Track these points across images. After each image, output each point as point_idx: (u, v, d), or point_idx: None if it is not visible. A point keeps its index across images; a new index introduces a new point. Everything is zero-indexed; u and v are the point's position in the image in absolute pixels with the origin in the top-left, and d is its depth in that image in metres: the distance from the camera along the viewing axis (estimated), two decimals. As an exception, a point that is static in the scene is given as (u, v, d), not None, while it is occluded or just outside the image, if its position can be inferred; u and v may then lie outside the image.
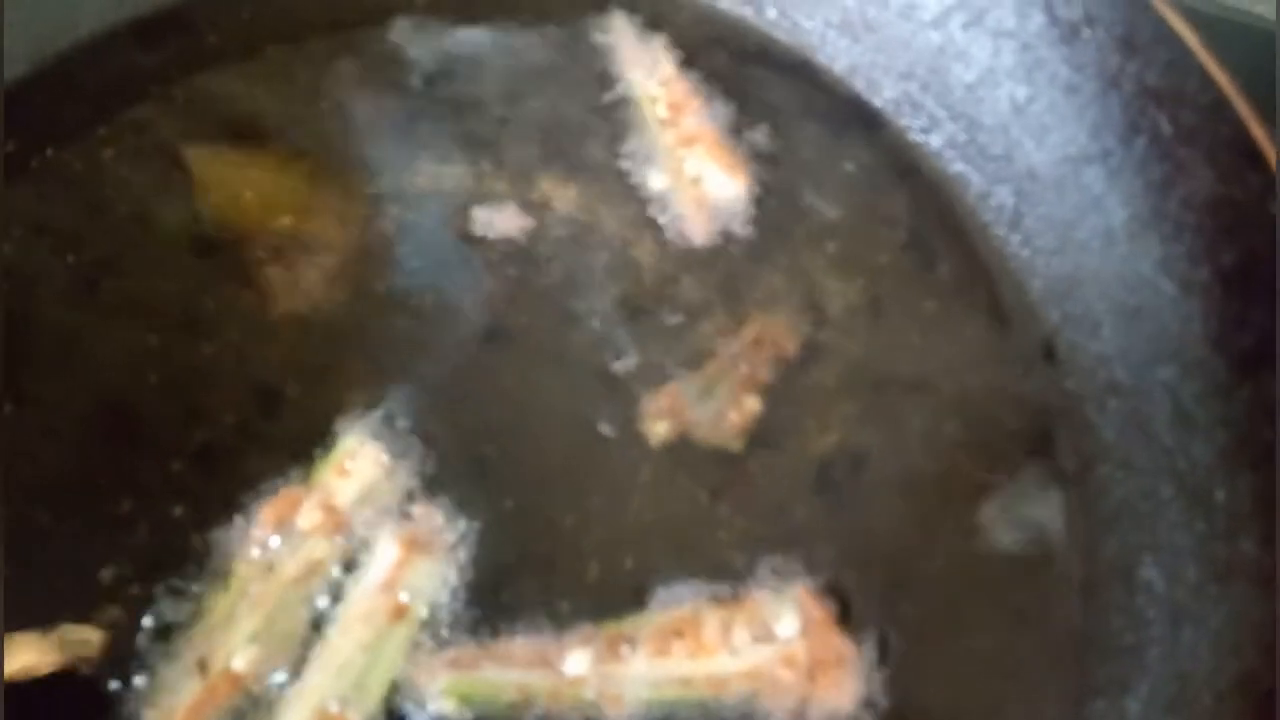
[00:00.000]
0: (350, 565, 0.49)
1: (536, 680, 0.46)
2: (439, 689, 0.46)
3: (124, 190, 0.58)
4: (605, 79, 0.62)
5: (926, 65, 0.61)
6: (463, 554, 0.49)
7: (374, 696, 0.46)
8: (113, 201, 0.58)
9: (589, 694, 0.46)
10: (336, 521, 0.49)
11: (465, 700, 0.46)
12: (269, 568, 0.48)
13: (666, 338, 0.55)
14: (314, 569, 0.48)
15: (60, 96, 0.60)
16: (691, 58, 0.63)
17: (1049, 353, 0.55)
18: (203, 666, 0.45)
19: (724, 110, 0.62)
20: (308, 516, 0.49)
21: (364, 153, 0.60)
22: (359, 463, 0.50)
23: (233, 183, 0.59)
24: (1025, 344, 0.56)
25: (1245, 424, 0.46)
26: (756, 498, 0.52)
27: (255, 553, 0.48)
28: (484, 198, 0.59)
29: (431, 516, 0.50)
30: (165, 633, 0.46)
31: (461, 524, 0.50)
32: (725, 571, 0.49)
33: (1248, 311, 0.47)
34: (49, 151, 0.58)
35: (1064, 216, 0.56)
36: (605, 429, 0.53)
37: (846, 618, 0.48)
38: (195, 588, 0.47)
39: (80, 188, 0.58)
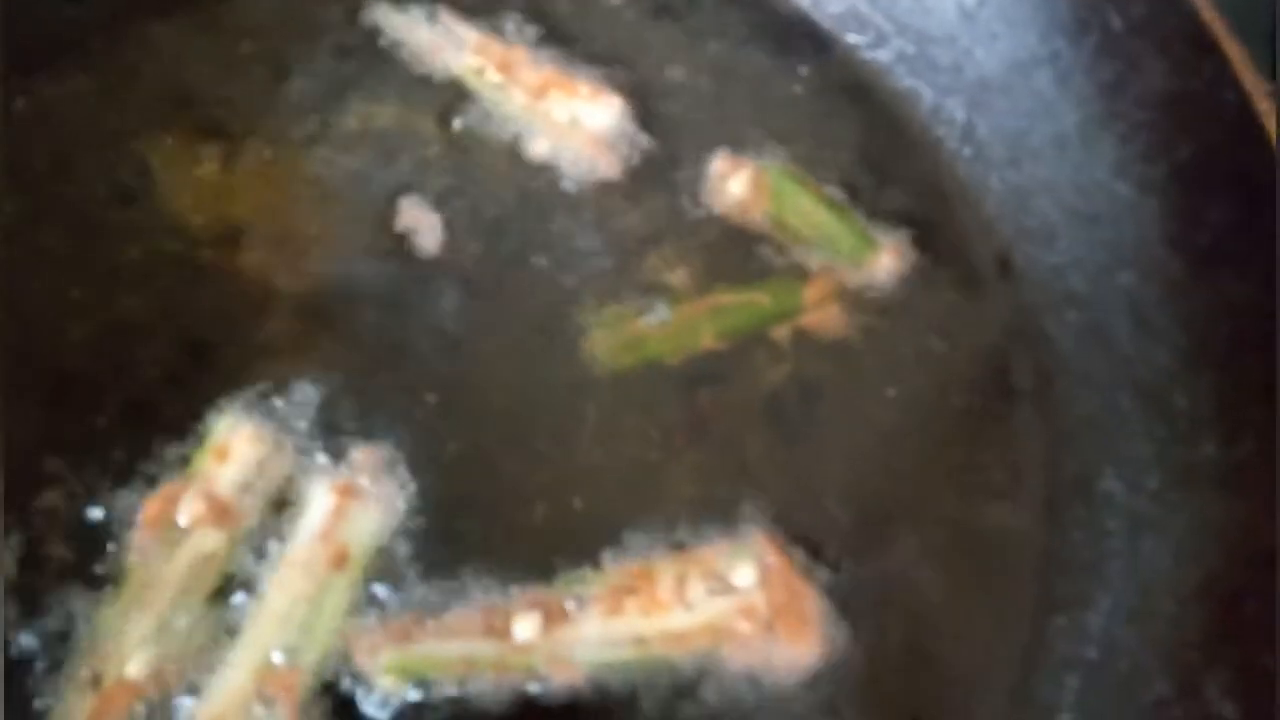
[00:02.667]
0: (281, 509, 0.47)
1: (482, 650, 0.44)
2: (382, 666, 0.44)
3: (45, 142, 0.56)
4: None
5: (871, -23, 0.59)
6: (402, 501, 0.48)
7: (319, 647, 0.44)
8: (35, 153, 0.56)
9: (537, 660, 0.44)
10: (221, 510, 0.46)
11: (410, 675, 0.44)
12: (157, 567, 0.45)
13: (611, 273, 0.53)
14: (205, 563, 0.45)
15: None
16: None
17: (1004, 266, 0.53)
18: (95, 681, 0.43)
19: (546, 45, 0.59)
20: (188, 509, 0.46)
21: (290, 94, 0.58)
22: (237, 444, 0.47)
23: (155, 128, 0.57)
24: (980, 260, 0.54)
25: (1204, 324, 0.44)
26: (707, 433, 0.50)
27: (140, 553, 0.45)
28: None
29: (370, 460, 0.48)
30: (55, 647, 0.44)
31: (401, 470, 0.48)
32: (679, 513, 0.48)
33: (1205, 207, 0.45)
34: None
35: (1016, 125, 0.54)
36: (550, 367, 0.51)
37: (807, 561, 0.47)
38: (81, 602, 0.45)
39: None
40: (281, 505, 0.47)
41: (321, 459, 0.48)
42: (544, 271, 0.54)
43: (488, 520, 0.48)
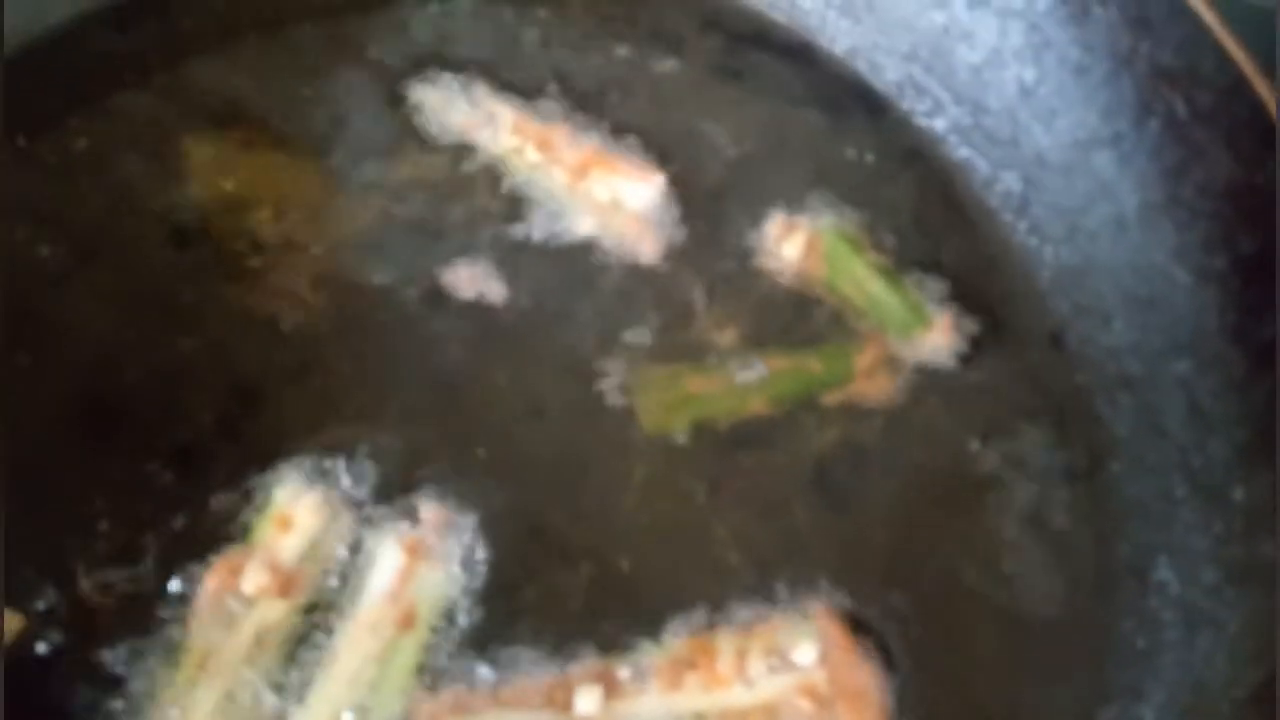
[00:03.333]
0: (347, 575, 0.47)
1: None
2: None
3: (100, 180, 0.56)
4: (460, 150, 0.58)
5: (930, 47, 0.59)
6: (465, 560, 0.48)
7: (388, 707, 0.44)
8: (89, 192, 0.56)
9: None
10: (284, 580, 0.46)
11: None
12: (219, 638, 0.45)
13: (660, 332, 0.54)
14: (268, 633, 0.45)
15: (33, 84, 0.58)
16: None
17: (1057, 344, 0.53)
18: None
19: (591, 120, 0.59)
20: (252, 580, 0.46)
21: (346, 141, 0.58)
22: (299, 513, 0.47)
23: (211, 172, 0.57)
24: (1033, 336, 0.54)
25: (1263, 420, 0.44)
26: (753, 497, 0.50)
27: (202, 624, 0.45)
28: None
29: (438, 518, 0.48)
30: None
31: (466, 528, 0.48)
32: (726, 579, 0.48)
33: (1266, 303, 0.45)
34: (21, 141, 0.56)
35: (1073, 203, 0.54)
36: (598, 425, 0.51)
37: (862, 635, 0.47)
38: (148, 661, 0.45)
39: (56, 178, 0.56)
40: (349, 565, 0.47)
41: (387, 517, 0.48)
42: (592, 327, 0.54)
43: (534, 577, 0.48)
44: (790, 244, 0.56)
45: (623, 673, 0.45)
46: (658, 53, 0.61)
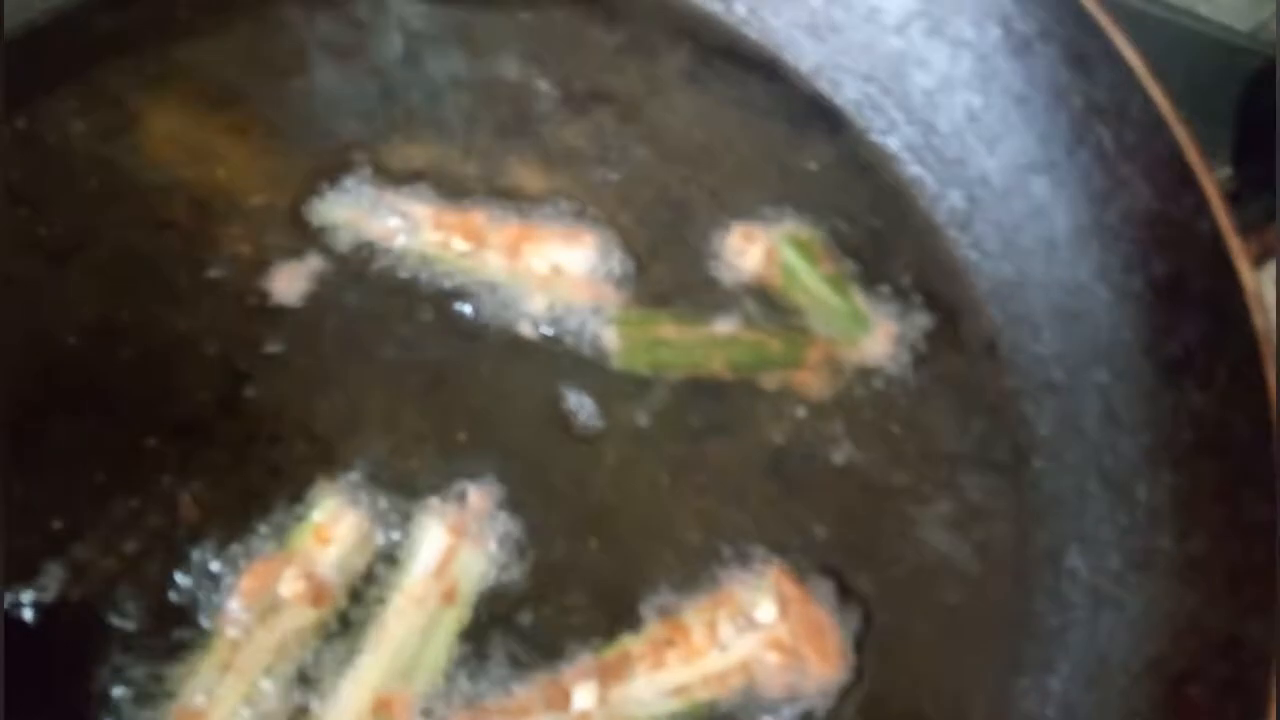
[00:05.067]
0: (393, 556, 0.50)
1: None
2: None
3: (95, 162, 0.59)
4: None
5: (888, 69, 0.63)
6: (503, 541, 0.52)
7: (429, 676, 0.48)
8: (85, 173, 0.59)
9: None
10: (318, 589, 0.49)
11: None
12: (248, 636, 0.48)
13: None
14: (295, 638, 0.48)
15: (31, 65, 0.60)
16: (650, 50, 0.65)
17: (991, 351, 0.58)
18: None
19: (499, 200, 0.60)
20: (290, 585, 0.49)
21: (331, 127, 0.61)
22: (339, 529, 0.51)
23: (200, 154, 0.60)
24: (970, 342, 0.59)
25: (1168, 427, 0.50)
26: (714, 481, 0.55)
27: (234, 622, 0.48)
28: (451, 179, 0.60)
29: (482, 501, 0.52)
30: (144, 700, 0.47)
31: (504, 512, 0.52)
32: (689, 553, 0.52)
33: (1175, 322, 0.50)
34: (20, 123, 0.58)
35: (1011, 222, 0.59)
36: (572, 414, 0.55)
37: (814, 584, 0.51)
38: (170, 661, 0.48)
39: (52, 158, 0.59)
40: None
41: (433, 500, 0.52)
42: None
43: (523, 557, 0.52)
44: (750, 251, 0.60)
45: (611, 663, 0.49)
46: (635, 59, 0.65)
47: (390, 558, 0.51)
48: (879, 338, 0.58)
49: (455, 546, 0.51)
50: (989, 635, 0.51)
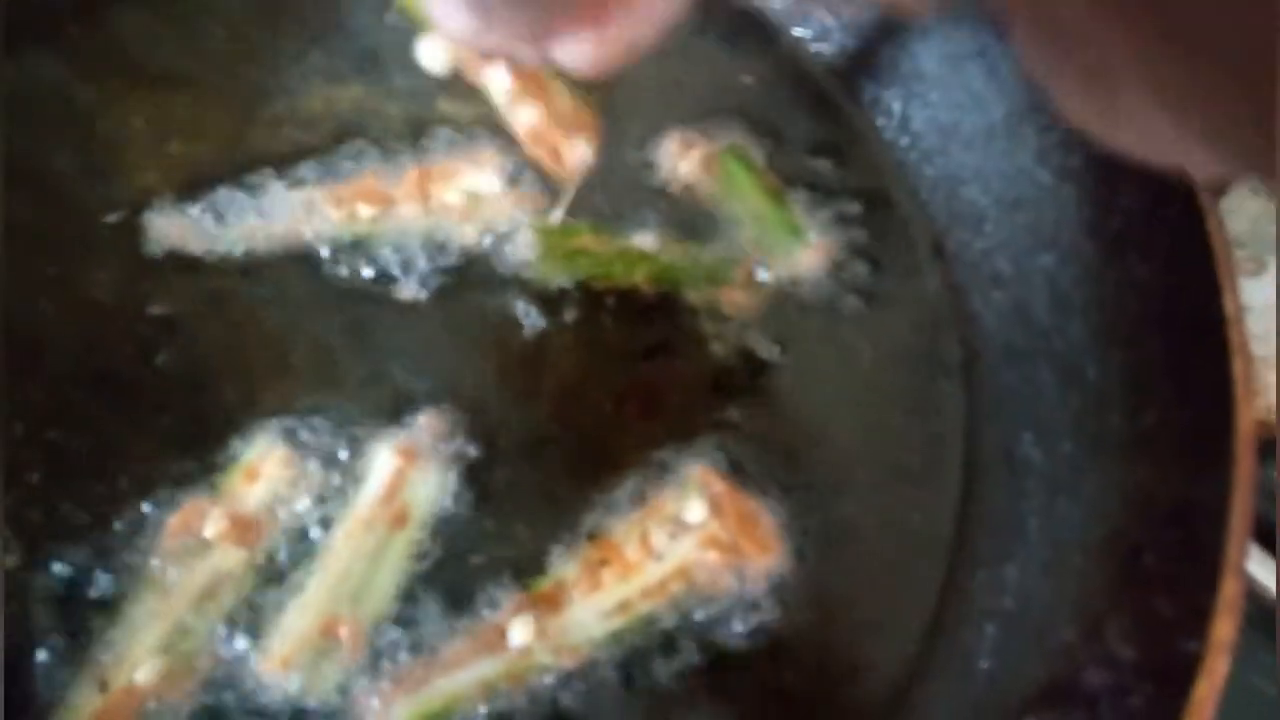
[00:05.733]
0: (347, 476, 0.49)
1: (490, 668, 0.46)
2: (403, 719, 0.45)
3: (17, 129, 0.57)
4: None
5: (815, -27, 0.62)
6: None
7: (378, 602, 0.47)
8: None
9: (542, 657, 0.46)
10: (245, 530, 0.48)
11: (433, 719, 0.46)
12: (175, 577, 0.47)
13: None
14: (223, 579, 0.47)
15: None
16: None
17: (938, 251, 0.57)
18: (103, 685, 0.45)
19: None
20: (215, 525, 0.48)
21: (255, 76, 0.60)
22: (268, 467, 0.49)
23: (123, 113, 0.59)
24: (917, 245, 0.57)
25: (1115, 303, 0.48)
26: (658, 403, 0.53)
27: (161, 563, 0.47)
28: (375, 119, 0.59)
29: (434, 424, 0.51)
30: (68, 647, 0.46)
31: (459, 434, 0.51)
32: (624, 475, 0.51)
33: (1116, 194, 0.49)
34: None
35: (948, 117, 0.57)
36: (512, 340, 0.54)
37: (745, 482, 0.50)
38: (95, 593, 0.47)
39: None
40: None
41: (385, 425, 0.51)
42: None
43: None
44: (687, 160, 0.58)
45: (545, 593, 0.48)
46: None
47: (336, 490, 0.50)
48: (814, 252, 0.57)
49: (404, 469, 0.49)
50: (940, 532, 0.50)
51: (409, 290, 0.55)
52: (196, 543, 0.47)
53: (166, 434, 0.50)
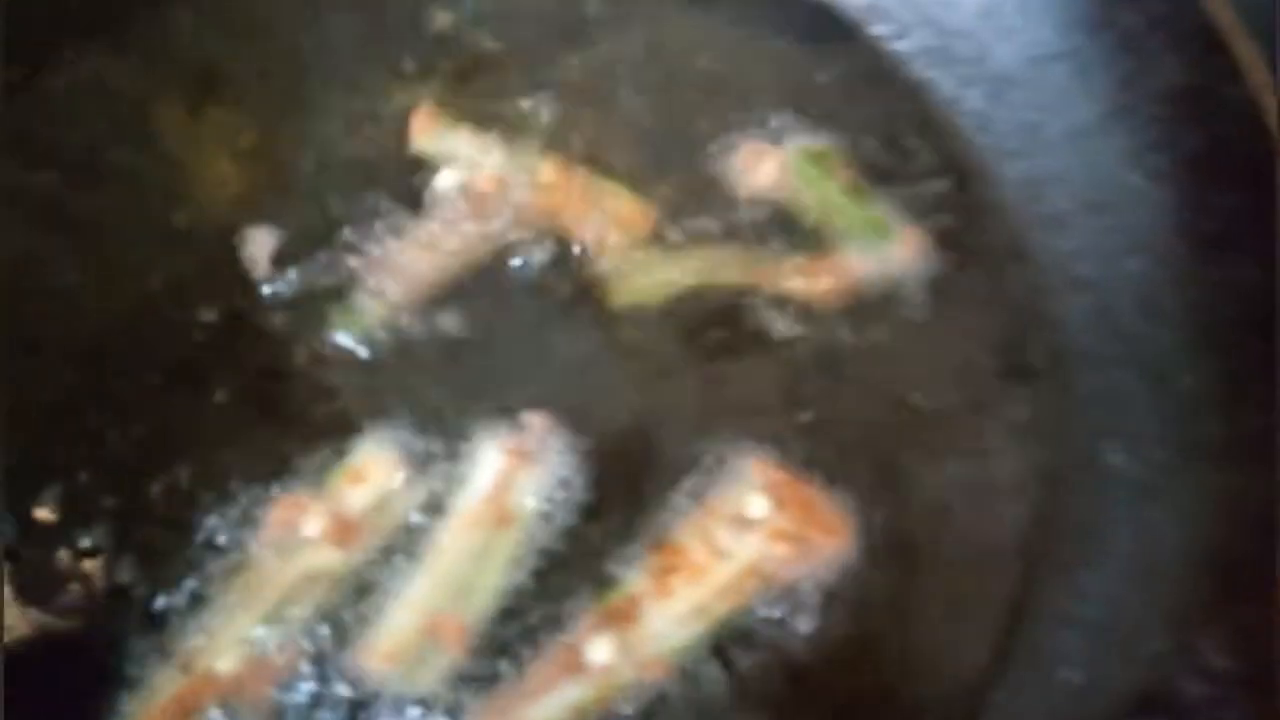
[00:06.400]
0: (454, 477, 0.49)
1: (577, 691, 0.45)
2: None
3: (77, 129, 0.58)
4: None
5: (895, -29, 0.61)
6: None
7: (482, 600, 0.47)
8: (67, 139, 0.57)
9: (628, 673, 0.45)
10: (345, 531, 0.48)
11: None
12: (270, 572, 0.47)
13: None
14: (316, 577, 0.47)
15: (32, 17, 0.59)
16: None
17: (1018, 253, 0.56)
18: (185, 668, 0.45)
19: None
20: (314, 523, 0.48)
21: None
22: (374, 472, 0.49)
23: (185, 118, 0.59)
24: (996, 246, 0.56)
25: (1210, 307, 0.47)
26: (722, 395, 0.52)
27: (256, 555, 0.47)
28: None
29: (540, 424, 0.50)
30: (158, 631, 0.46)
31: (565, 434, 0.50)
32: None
33: (1211, 195, 0.47)
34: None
35: (1033, 116, 0.56)
36: (580, 333, 0.53)
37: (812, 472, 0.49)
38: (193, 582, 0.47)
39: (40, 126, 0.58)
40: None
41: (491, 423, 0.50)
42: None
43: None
44: (761, 167, 0.57)
45: (617, 605, 0.47)
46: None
47: (441, 489, 0.49)
48: (902, 244, 0.56)
49: (512, 470, 0.49)
50: (1014, 537, 0.49)
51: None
52: (295, 539, 0.47)
53: (278, 429, 0.50)
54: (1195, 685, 0.40)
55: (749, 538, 0.47)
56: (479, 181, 0.56)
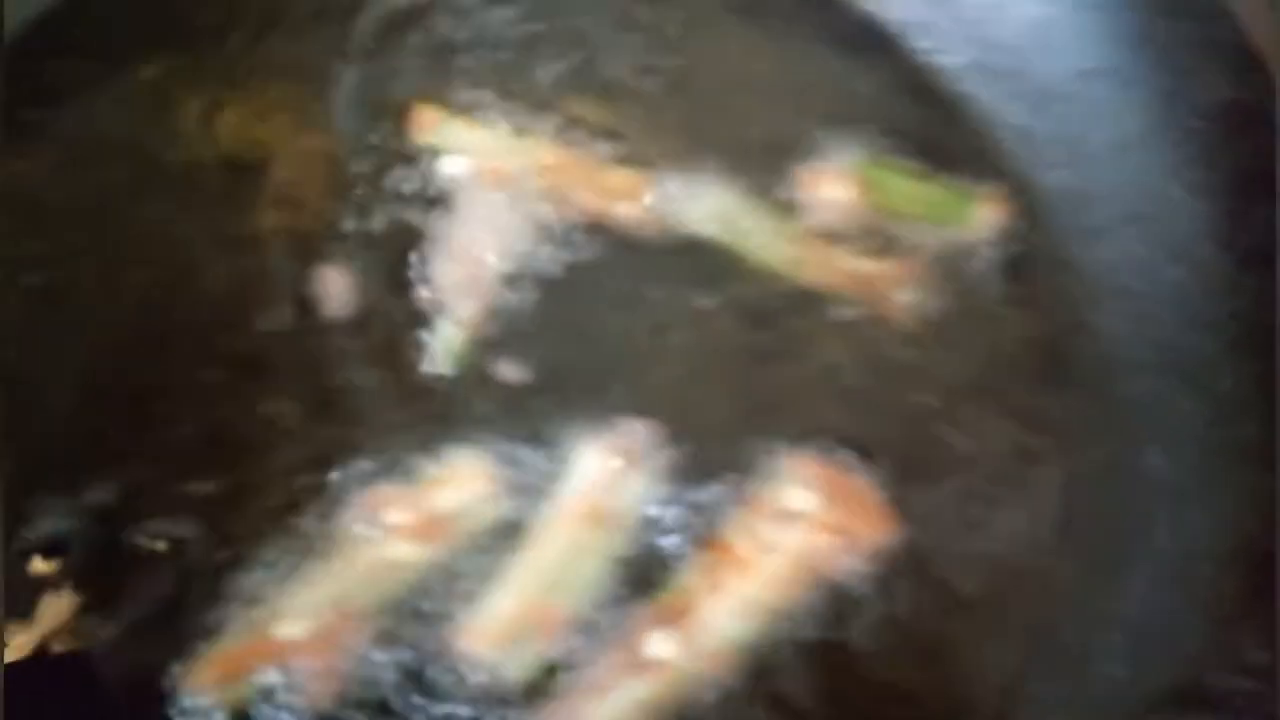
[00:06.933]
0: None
1: (641, 686, 0.46)
2: None
3: (129, 133, 0.59)
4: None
5: (937, -15, 0.62)
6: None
7: (576, 596, 0.48)
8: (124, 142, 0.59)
9: (688, 666, 0.46)
10: (431, 527, 0.49)
11: None
12: (353, 552, 0.48)
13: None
14: (395, 568, 0.48)
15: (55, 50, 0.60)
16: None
17: (1061, 263, 0.57)
18: (251, 630, 0.47)
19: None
20: (399, 515, 0.49)
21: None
22: (467, 475, 0.50)
23: (243, 119, 0.60)
24: (1037, 257, 0.57)
25: (1250, 315, 0.48)
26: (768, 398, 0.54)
27: (338, 536, 0.49)
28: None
29: (636, 431, 0.51)
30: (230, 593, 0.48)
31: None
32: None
33: (1251, 209, 0.49)
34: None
35: (1075, 131, 0.58)
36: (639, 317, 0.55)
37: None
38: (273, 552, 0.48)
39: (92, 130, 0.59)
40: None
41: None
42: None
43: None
44: (825, 186, 0.58)
45: (672, 604, 0.48)
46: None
47: (536, 486, 0.51)
48: (985, 210, 0.57)
49: (612, 469, 0.50)
50: (1050, 537, 0.50)
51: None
52: (378, 528, 0.49)
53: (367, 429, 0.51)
54: (1233, 680, 0.41)
55: (794, 530, 0.49)
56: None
